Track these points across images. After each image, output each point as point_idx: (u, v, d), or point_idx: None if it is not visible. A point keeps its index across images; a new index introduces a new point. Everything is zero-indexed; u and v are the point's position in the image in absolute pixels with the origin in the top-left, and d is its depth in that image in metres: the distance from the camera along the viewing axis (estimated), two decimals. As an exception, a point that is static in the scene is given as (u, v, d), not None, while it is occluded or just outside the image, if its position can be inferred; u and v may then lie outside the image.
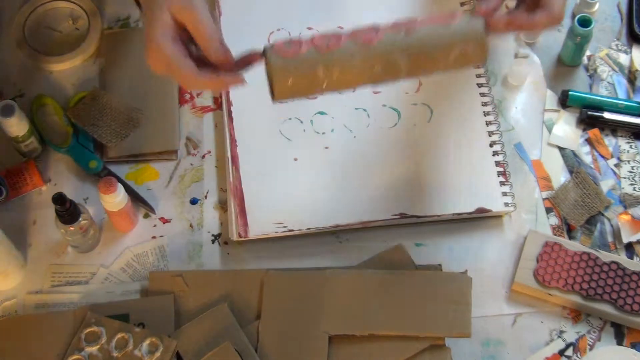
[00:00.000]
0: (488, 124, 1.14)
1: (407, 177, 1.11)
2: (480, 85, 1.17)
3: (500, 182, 1.10)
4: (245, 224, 1.07)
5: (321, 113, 1.15)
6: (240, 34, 1.20)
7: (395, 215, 1.08)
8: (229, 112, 1.14)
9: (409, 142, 1.13)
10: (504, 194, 1.09)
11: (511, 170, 1.12)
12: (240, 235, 1.06)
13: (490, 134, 1.13)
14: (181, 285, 1.02)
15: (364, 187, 1.10)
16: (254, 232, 1.07)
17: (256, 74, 1.18)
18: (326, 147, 1.13)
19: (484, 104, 1.15)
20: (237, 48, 1.19)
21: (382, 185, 1.10)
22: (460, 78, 1.17)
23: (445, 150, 1.13)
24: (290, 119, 1.15)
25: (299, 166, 1.12)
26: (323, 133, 1.14)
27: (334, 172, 1.11)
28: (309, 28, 1.21)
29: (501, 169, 1.11)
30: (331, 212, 1.08)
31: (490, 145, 1.13)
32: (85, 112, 1.14)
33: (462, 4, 1.23)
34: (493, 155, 1.12)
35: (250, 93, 1.16)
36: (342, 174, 1.11)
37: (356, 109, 1.16)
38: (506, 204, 1.09)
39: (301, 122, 1.15)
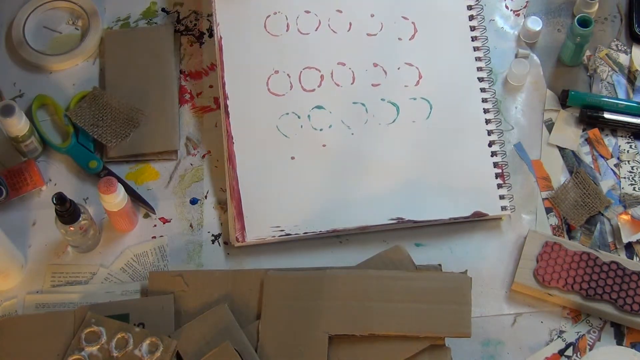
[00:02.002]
0: (487, 122, 1.13)
1: (405, 179, 1.10)
2: (480, 79, 1.16)
3: (498, 184, 1.10)
4: (243, 228, 1.07)
5: (319, 107, 1.14)
6: (236, 17, 1.18)
7: (392, 219, 1.07)
8: (225, 107, 1.13)
9: (407, 140, 1.13)
10: (501, 197, 1.09)
11: (511, 170, 1.12)
12: (237, 240, 1.06)
13: (490, 132, 1.13)
14: (181, 285, 1.02)
15: (362, 190, 1.09)
16: (252, 236, 1.06)
17: (254, 68, 1.18)
18: (324, 145, 1.12)
19: (484, 100, 1.14)
20: (233, 32, 1.18)
21: (380, 187, 1.10)
22: (461, 71, 1.16)
23: (444, 150, 1.12)
24: (287, 113, 1.14)
25: (296, 166, 1.11)
26: (321, 129, 1.13)
27: (331, 172, 1.11)
28: (307, 12, 1.20)
29: (499, 171, 1.11)
30: (328, 216, 1.08)
31: (489, 145, 1.12)
32: (85, 112, 1.15)
33: (469, 7, 1.21)
34: (492, 155, 1.12)
35: (246, 86, 1.15)
36: (340, 175, 1.10)
37: (354, 103, 1.15)
38: (503, 208, 1.08)
39: (298, 117, 1.14)
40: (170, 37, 1.21)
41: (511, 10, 1.25)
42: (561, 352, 1.02)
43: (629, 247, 1.08)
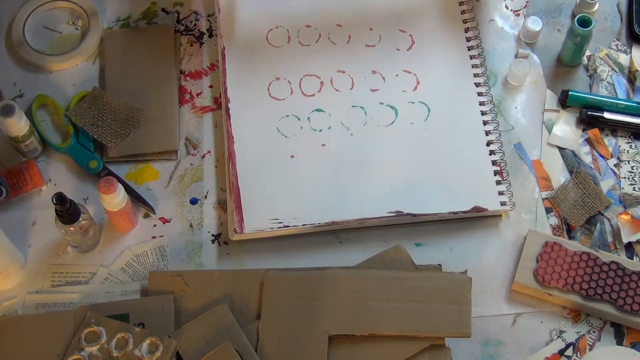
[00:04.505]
0: (485, 123, 1.14)
1: (403, 175, 1.11)
2: (477, 84, 1.17)
3: (497, 181, 1.10)
4: (241, 220, 1.07)
5: (318, 110, 1.15)
6: (238, 32, 1.20)
7: (391, 212, 1.08)
8: (227, 109, 1.14)
9: (406, 141, 1.13)
10: (500, 193, 1.09)
11: (511, 170, 1.12)
12: (235, 231, 1.06)
13: (488, 133, 1.14)
14: (181, 285, 1.02)
15: (360, 185, 1.10)
16: (250, 228, 1.07)
17: (256, 75, 1.19)
18: (323, 145, 1.13)
19: (482, 104, 1.15)
20: (235, 46, 1.20)
21: (379, 183, 1.10)
22: (458, 77, 1.17)
23: (442, 149, 1.13)
24: (287, 116, 1.15)
25: (295, 163, 1.12)
26: (320, 130, 1.14)
27: (330, 169, 1.11)
28: (308, 26, 1.21)
29: (497, 168, 1.11)
30: (327, 209, 1.08)
31: (487, 145, 1.13)
32: (85, 112, 1.15)
33: (460, 3, 1.23)
34: (490, 154, 1.12)
35: (248, 90, 1.17)
36: (339, 172, 1.11)
37: (353, 106, 1.16)
38: (502, 203, 1.09)
39: (298, 119, 1.15)
40: (170, 37, 1.21)
41: (511, 10, 1.25)
42: (561, 352, 1.02)
43: (629, 247, 1.08)
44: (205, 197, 1.12)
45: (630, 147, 1.15)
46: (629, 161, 1.14)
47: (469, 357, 1.02)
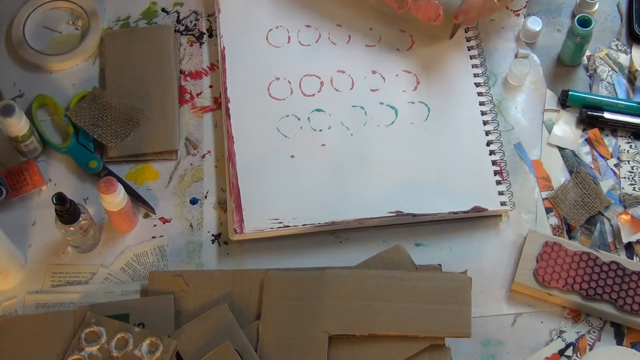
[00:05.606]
0: (485, 123, 1.14)
1: (403, 175, 1.11)
2: (477, 84, 1.17)
3: (497, 181, 1.10)
4: (241, 220, 1.07)
5: (318, 110, 1.15)
6: (238, 31, 1.20)
7: (391, 212, 1.08)
8: (227, 109, 1.15)
9: (406, 140, 1.13)
10: (500, 193, 1.09)
11: (511, 170, 1.12)
12: (235, 231, 1.06)
13: (488, 133, 1.14)
14: (181, 285, 1.02)
15: (360, 185, 1.10)
16: (249, 228, 1.07)
17: (256, 75, 1.19)
18: (323, 145, 1.13)
19: (482, 104, 1.15)
20: (235, 46, 1.20)
21: (379, 182, 1.10)
22: (458, 77, 1.18)
23: (442, 149, 1.13)
24: (287, 116, 1.15)
25: (295, 163, 1.12)
26: (320, 130, 1.14)
27: (330, 169, 1.11)
28: (308, 26, 1.21)
29: (497, 168, 1.11)
30: (327, 209, 1.08)
31: (487, 145, 1.13)
32: (85, 112, 1.15)
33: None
34: (490, 154, 1.12)
35: (248, 90, 1.17)
36: (339, 171, 1.11)
37: (353, 106, 1.16)
38: (502, 203, 1.09)
39: (298, 119, 1.15)
40: (170, 37, 1.21)
41: (511, 10, 1.25)
42: (561, 352, 1.02)
43: (629, 247, 1.08)
44: (205, 197, 1.12)
45: (630, 147, 1.15)
46: (629, 161, 1.14)
47: (469, 357, 1.02)
